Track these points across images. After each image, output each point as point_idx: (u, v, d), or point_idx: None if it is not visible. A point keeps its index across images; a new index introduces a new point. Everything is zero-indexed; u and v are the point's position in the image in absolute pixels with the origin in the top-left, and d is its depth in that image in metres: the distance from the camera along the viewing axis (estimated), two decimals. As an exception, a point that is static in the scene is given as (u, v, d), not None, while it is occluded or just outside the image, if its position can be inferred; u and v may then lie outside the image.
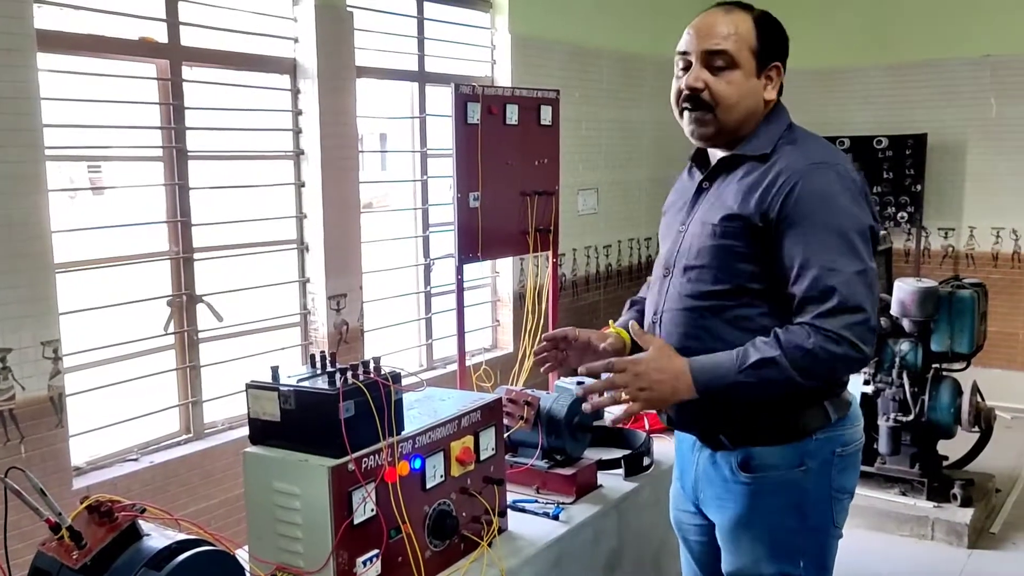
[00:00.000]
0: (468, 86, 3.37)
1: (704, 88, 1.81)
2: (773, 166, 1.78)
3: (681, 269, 1.88)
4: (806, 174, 1.74)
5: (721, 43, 1.80)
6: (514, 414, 2.38)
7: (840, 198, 1.74)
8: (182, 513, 2.97)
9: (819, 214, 1.72)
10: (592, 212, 5.63)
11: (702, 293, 1.83)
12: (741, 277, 1.79)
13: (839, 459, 1.85)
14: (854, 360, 1.70)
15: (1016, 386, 5.99)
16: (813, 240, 1.71)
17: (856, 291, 1.68)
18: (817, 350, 1.67)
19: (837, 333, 1.66)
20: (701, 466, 1.93)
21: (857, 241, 1.72)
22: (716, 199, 1.85)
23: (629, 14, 5.77)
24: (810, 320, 1.69)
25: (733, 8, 1.86)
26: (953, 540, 4.00)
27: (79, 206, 7.13)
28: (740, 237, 1.78)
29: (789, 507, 1.84)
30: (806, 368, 1.68)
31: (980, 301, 4.13)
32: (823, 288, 1.68)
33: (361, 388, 1.75)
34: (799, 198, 1.72)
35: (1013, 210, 6.08)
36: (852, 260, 1.70)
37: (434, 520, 1.91)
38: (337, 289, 3.93)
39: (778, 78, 1.88)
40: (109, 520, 1.48)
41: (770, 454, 1.82)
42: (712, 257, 1.81)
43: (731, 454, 1.86)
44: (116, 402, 3.30)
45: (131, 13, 3.27)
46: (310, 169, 3.84)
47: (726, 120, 1.83)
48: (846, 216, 1.73)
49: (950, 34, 6.16)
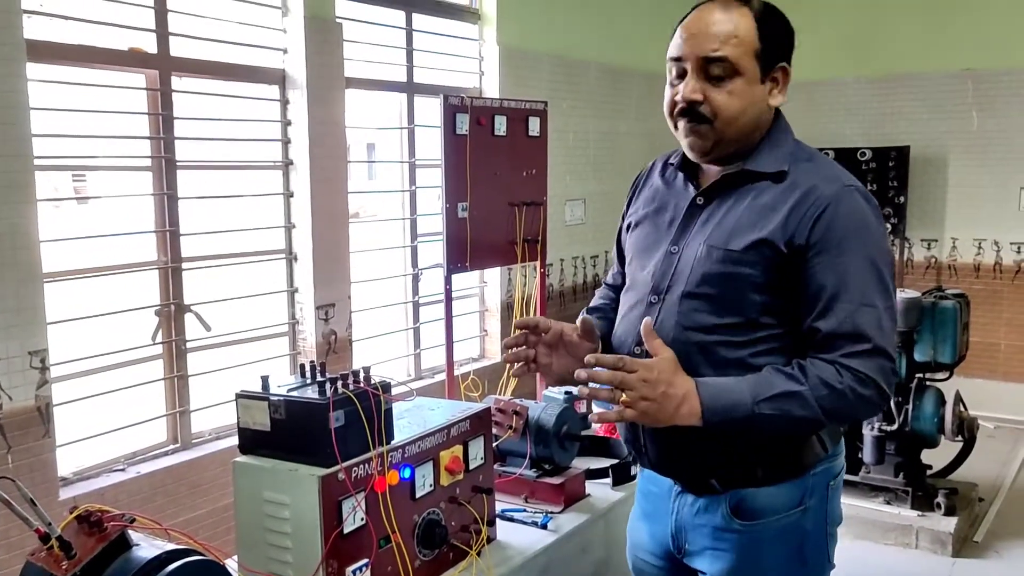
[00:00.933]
0: (457, 97, 3.40)
1: (703, 101, 1.60)
2: (795, 186, 1.59)
3: (678, 297, 1.65)
4: (838, 197, 1.56)
5: (720, 48, 1.58)
6: (503, 424, 2.39)
7: (872, 226, 1.58)
8: (169, 523, 2.97)
9: (853, 242, 1.55)
10: (579, 223, 5.66)
11: (707, 326, 1.61)
12: (753, 310, 1.60)
13: (832, 491, 1.72)
14: (878, 405, 1.56)
15: (998, 396, 6.05)
16: (847, 270, 1.54)
17: (887, 332, 1.54)
18: (846, 390, 1.51)
19: (868, 375, 1.51)
20: (684, 514, 1.73)
21: (887, 275, 1.57)
22: (724, 220, 1.63)
23: (616, 26, 5.81)
24: (839, 358, 1.52)
25: (731, 3, 1.62)
26: (937, 549, 4.03)
27: (63, 215, 7.10)
28: (758, 265, 1.58)
29: (791, 553, 1.67)
30: (831, 408, 1.52)
31: (962, 312, 4.18)
32: (856, 326, 1.52)
33: (351, 398, 1.76)
34: (832, 223, 1.54)
35: (994, 222, 6.16)
36: (884, 296, 1.55)
37: (423, 529, 1.92)
38: (325, 299, 3.93)
39: (785, 80, 1.65)
40: (98, 530, 1.48)
41: (768, 496, 1.65)
42: (721, 285, 1.61)
43: (721, 498, 1.67)
44: (103, 412, 3.29)
45: (120, 24, 3.28)
46: (299, 179, 3.85)
47: (727, 133, 1.62)
48: (877, 246, 1.57)
49: (932, 48, 6.24)
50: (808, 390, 1.51)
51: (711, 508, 1.69)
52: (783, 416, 1.52)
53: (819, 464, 1.67)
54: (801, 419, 1.53)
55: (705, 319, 1.62)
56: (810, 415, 1.52)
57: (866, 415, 1.66)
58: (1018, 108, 6.02)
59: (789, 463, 1.64)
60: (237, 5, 3.65)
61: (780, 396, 1.52)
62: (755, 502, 1.65)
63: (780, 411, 1.51)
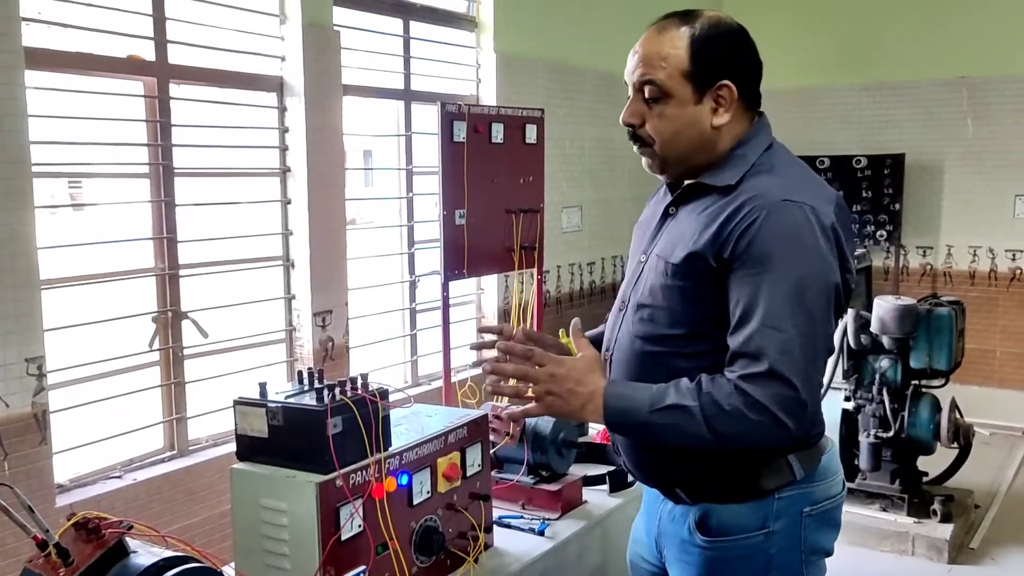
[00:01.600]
0: (454, 104, 3.41)
1: (641, 123, 1.64)
2: (737, 198, 1.56)
3: (634, 306, 1.69)
4: (772, 209, 1.51)
5: (648, 72, 1.60)
6: (500, 430, 2.39)
7: (804, 244, 1.50)
8: (166, 531, 2.96)
9: (777, 258, 1.49)
10: (576, 229, 5.67)
11: (655, 336, 1.64)
12: (696, 323, 1.59)
13: (809, 519, 1.64)
14: (773, 434, 1.48)
15: (994, 402, 6.07)
16: (762, 288, 1.49)
17: (793, 359, 1.46)
18: (733, 412, 1.47)
19: (759, 401, 1.46)
20: (664, 520, 1.77)
21: (812, 298, 1.49)
22: (675, 232, 1.65)
23: (612, 33, 5.83)
24: (736, 379, 1.48)
25: (668, 25, 1.63)
26: (933, 555, 4.04)
27: (60, 222, 7.10)
28: (692, 278, 1.58)
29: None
30: (718, 429, 1.49)
31: (958, 318, 4.20)
32: (756, 348, 1.47)
33: (349, 404, 1.77)
34: (758, 236, 1.50)
35: (990, 229, 6.19)
36: (798, 320, 1.48)
37: (421, 536, 1.92)
38: (323, 305, 3.94)
39: (732, 99, 1.61)
40: (96, 537, 1.48)
41: (730, 514, 1.64)
42: (665, 298, 1.62)
43: (690, 509, 1.68)
44: (100, 419, 3.29)
45: (119, 31, 3.29)
46: (296, 186, 3.86)
47: (667, 155, 1.64)
48: (808, 266, 1.50)
49: (926, 56, 6.27)
50: (698, 407, 1.49)
51: (680, 519, 1.71)
52: (673, 427, 1.52)
53: (786, 489, 1.62)
54: (687, 432, 1.51)
55: (654, 330, 1.64)
56: (698, 431, 1.50)
57: (761, 443, 1.53)
58: (1012, 115, 6.05)
59: (749, 484, 1.62)
60: (235, 13, 3.66)
61: (671, 408, 1.51)
62: (719, 519, 1.65)
63: (670, 423, 1.52)
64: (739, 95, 1.63)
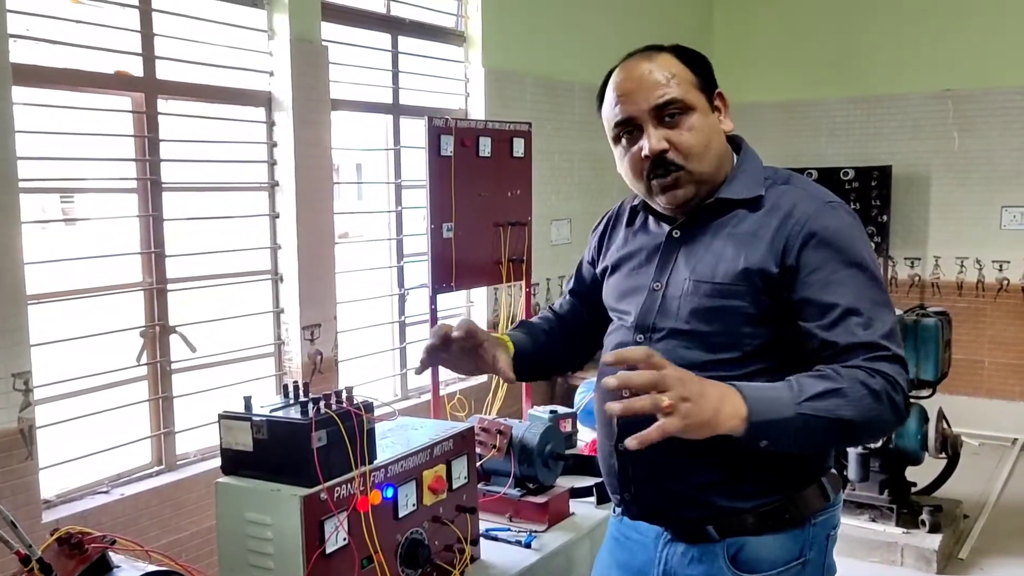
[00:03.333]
0: (441, 119, 3.43)
1: (669, 147, 1.57)
2: (775, 209, 1.56)
3: (665, 333, 1.59)
4: (822, 216, 1.53)
5: (666, 92, 1.57)
6: (487, 443, 2.40)
7: (861, 238, 1.55)
8: (154, 546, 2.95)
9: (847, 256, 1.50)
10: (566, 242, 5.69)
11: (698, 363, 1.50)
12: (747, 343, 1.53)
13: (831, 542, 1.66)
14: (902, 413, 1.44)
15: (983, 413, 6.10)
16: (847, 286, 1.48)
17: (900, 341, 1.48)
18: (882, 393, 1.39)
19: (896, 380, 1.41)
20: (674, 563, 1.63)
21: (883, 284, 1.53)
22: (706, 253, 1.58)
23: (600, 48, 5.87)
24: (863, 363, 1.41)
25: (652, 52, 1.63)
26: (922, 566, 4.05)
27: (51, 237, 7.08)
28: (748, 296, 1.52)
29: None
30: (867, 412, 1.39)
31: (944, 329, 4.22)
32: (874, 337, 1.44)
33: (334, 417, 1.77)
34: (822, 240, 1.50)
35: (976, 240, 6.23)
36: (887, 308, 1.49)
37: (406, 549, 1.92)
38: (311, 319, 3.94)
39: (725, 105, 1.65)
40: (79, 552, 1.48)
41: (767, 547, 1.57)
42: (712, 321, 1.55)
43: (717, 546, 1.58)
44: (87, 434, 3.28)
45: (106, 47, 3.30)
46: (285, 200, 3.86)
47: (702, 171, 1.59)
48: (870, 258, 1.53)
49: (912, 69, 6.33)
50: (847, 387, 1.38)
51: (706, 558, 1.59)
52: (828, 418, 1.37)
53: (820, 514, 1.61)
54: (845, 423, 1.38)
55: (696, 356, 1.54)
56: (854, 417, 1.38)
57: (893, 425, 1.45)
58: (998, 127, 6.10)
59: (791, 509, 1.57)
60: (223, 28, 3.67)
61: (822, 394, 1.38)
62: (756, 552, 1.57)
63: (825, 411, 1.37)
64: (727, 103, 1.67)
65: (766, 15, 6.77)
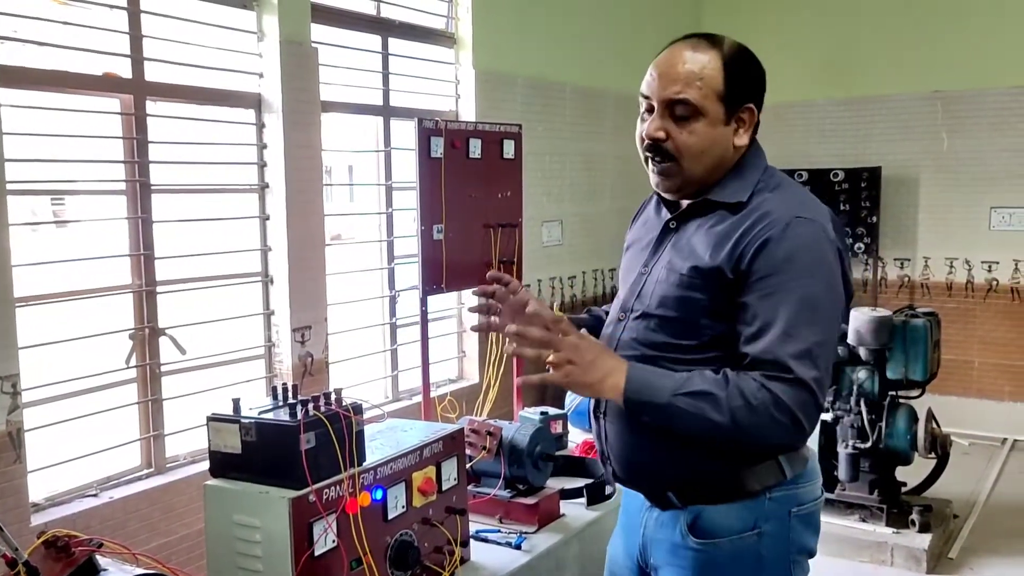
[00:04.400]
0: (431, 120, 3.42)
1: (666, 138, 1.67)
2: (750, 214, 1.65)
3: (638, 315, 1.75)
4: (786, 226, 1.60)
5: (683, 91, 1.64)
6: (476, 444, 2.40)
7: (817, 257, 1.61)
8: (143, 549, 2.94)
9: (791, 272, 1.58)
10: (557, 244, 5.69)
11: (659, 343, 1.70)
12: (704, 333, 1.66)
13: (796, 519, 1.72)
14: (792, 434, 1.57)
15: (973, 413, 6.13)
16: (782, 299, 1.57)
17: (812, 367, 1.56)
18: (760, 408, 1.53)
19: (785, 403, 1.54)
20: (650, 528, 1.80)
21: (825, 309, 1.60)
22: (685, 245, 1.71)
23: (591, 49, 5.88)
24: (761, 378, 1.55)
25: (700, 44, 1.67)
26: (912, 565, 4.07)
27: (42, 239, 7.04)
28: (707, 290, 1.64)
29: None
30: (741, 421, 1.54)
31: (933, 330, 4.24)
32: (779, 356, 1.55)
33: (322, 419, 1.77)
34: (773, 250, 1.59)
35: (965, 241, 6.26)
36: (816, 330, 1.57)
37: (396, 551, 1.92)
38: (302, 321, 3.93)
39: (751, 120, 1.71)
40: (66, 555, 1.48)
41: (722, 515, 1.69)
42: (676, 308, 1.68)
43: (680, 513, 1.73)
44: (76, 437, 3.27)
45: (95, 49, 3.29)
46: (275, 202, 3.85)
47: (691, 171, 1.69)
48: (820, 280, 1.60)
49: (902, 70, 6.36)
50: (724, 396, 1.55)
51: (670, 523, 1.75)
52: (694, 413, 1.56)
53: (776, 489, 1.69)
54: (713, 422, 1.56)
55: (658, 337, 1.71)
56: (721, 420, 1.55)
57: (777, 440, 1.61)
58: (987, 128, 6.14)
59: (741, 483, 1.68)
60: (212, 30, 3.66)
61: (697, 394, 1.56)
62: (711, 521, 1.70)
63: (694, 408, 1.56)
64: (757, 120, 1.73)
65: (756, 17, 6.80)
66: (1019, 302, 6.15)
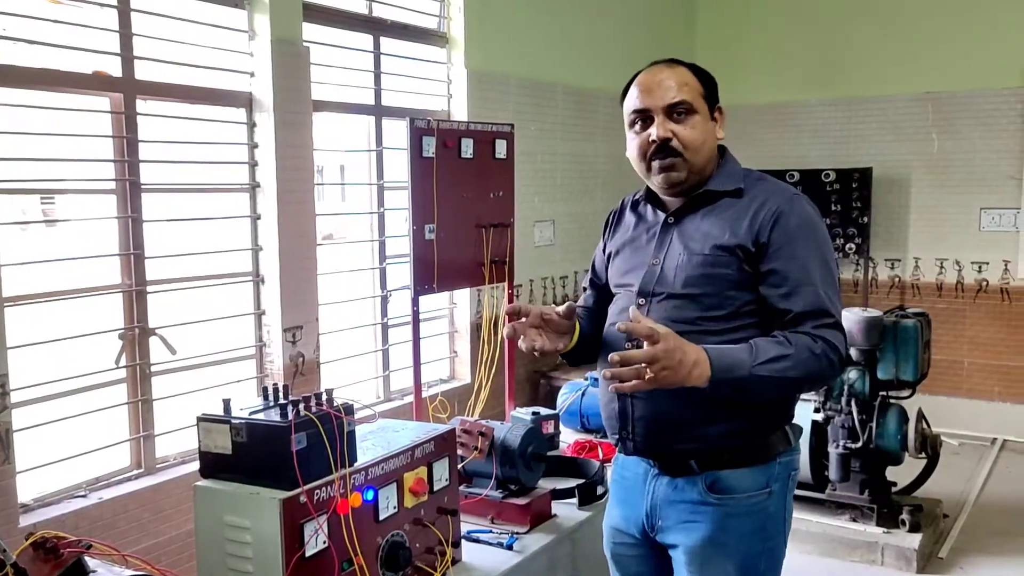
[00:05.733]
0: (423, 120, 3.42)
1: (672, 137, 1.93)
2: (754, 198, 1.93)
3: (663, 297, 1.93)
4: (790, 204, 1.90)
5: (679, 95, 1.94)
6: (468, 444, 2.40)
7: (819, 223, 1.94)
8: (132, 550, 2.93)
9: (808, 238, 1.89)
10: (549, 244, 5.69)
11: (692, 318, 1.89)
12: (731, 303, 1.89)
13: (791, 482, 1.98)
14: (840, 368, 1.84)
15: (963, 413, 6.15)
16: (805, 261, 1.86)
17: (839, 310, 1.87)
18: (823, 355, 1.79)
19: (835, 343, 1.81)
20: (660, 493, 1.96)
21: (832, 263, 1.92)
22: (696, 232, 1.95)
23: (582, 50, 5.88)
24: (811, 330, 1.80)
25: (673, 63, 2.00)
26: (902, 565, 4.08)
27: (31, 238, 7.02)
28: (731, 264, 1.88)
29: (755, 530, 1.92)
30: (812, 370, 1.79)
31: (923, 330, 4.25)
32: (820, 305, 1.83)
33: (313, 420, 1.76)
34: (786, 222, 1.88)
35: (956, 242, 6.28)
36: (833, 282, 1.90)
37: (387, 551, 1.92)
38: (293, 321, 3.92)
39: (722, 118, 2.02)
40: (54, 556, 1.47)
41: (738, 477, 1.91)
42: (703, 284, 1.90)
43: (697, 478, 1.92)
44: (66, 437, 3.25)
45: (85, 47, 3.27)
46: (266, 202, 3.84)
47: (695, 162, 1.95)
48: (825, 240, 1.94)
49: (893, 71, 6.38)
50: (794, 353, 1.78)
51: (686, 487, 1.93)
52: (776, 377, 1.77)
53: (783, 455, 1.95)
54: (791, 380, 1.79)
55: (688, 314, 1.90)
56: (797, 375, 1.78)
57: (831, 377, 1.89)
58: (977, 130, 6.16)
59: (759, 450, 1.92)
60: (203, 28, 3.65)
61: (774, 359, 1.77)
62: (728, 481, 1.91)
63: (774, 372, 1.76)
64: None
65: (749, 18, 6.80)
66: (1009, 303, 6.17)
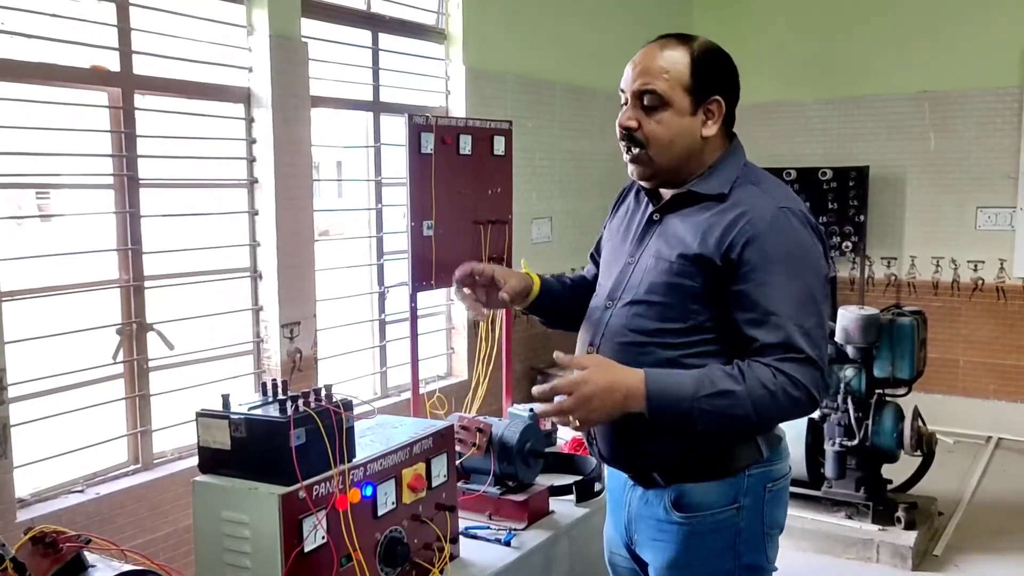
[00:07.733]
0: (422, 116, 3.42)
1: (638, 127, 1.78)
2: (734, 206, 1.74)
3: (626, 303, 1.82)
4: (772, 218, 1.71)
5: (651, 82, 1.76)
6: (466, 441, 2.40)
7: (805, 246, 1.73)
8: (130, 545, 2.92)
9: (785, 262, 1.69)
10: (546, 241, 5.69)
11: (650, 329, 1.77)
12: (693, 317, 1.74)
13: (770, 494, 1.82)
14: (807, 408, 1.69)
15: (958, 411, 6.17)
16: (779, 288, 1.68)
17: (817, 345, 1.68)
18: (779, 392, 1.64)
19: (799, 380, 1.65)
20: (634, 506, 1.88)
21: (818, 293, 1.72)
22: (671, 235, 1.80)
23: (580, 47, 5.88)
24: (774, 363, 1.65)
25: (670, 42, 1.80)
26: (898, 563, 4.09)
27: (27, 233, 7.02)
28: (696, 276, 1.73)
29: (725, 548, 1.79)
30: (763, 409, 1.65)
31: (919, 328, 4.26)
32: (788, 339, 1.66)
33: (312, 416, 1.76)
34: (765, 242, 1.69)
35: (951, 240, 6.29)
36: (814, 313, 1.70)
37: (385, 547, 1.92)
38: (291, 317, 3.92)
39: (720, 113, 1.80)
40: (54, 551, 1.47)
41: (704, 492, 1.78)
42: (665, 294, 1.76)
43: (664, 491, 1.81)
44: (63, 432, 3.25)
45: (83, 42, 3.26)
46: (264, 197, 3.84)
47: (660, 159, 1.79)
48: (810, 266, 1.73)
49: (889, 70, 6.39)
50: (744, 390, 1.64)
51: (654, 501, 1.84)
52: (720, 413, 1.65)
53: (755, 467, 1.80)
54: (736, 417, 1.66)
55: (647, 323, 1.79)
56: (744, 414, 1.65)
57: (795, 416, 1.73)
58: (973, 129, 6.17)
59: (724, 462, 1.78)
60: (201, 23, 3.64)
61: (718, 394, 1.64)
62: (693, 497, 1.79)
63: (715, 408, 1.64)
64: (724, 112, 1.82)
65: (745, 16, 6.81)
66: (1004, 301, 6.19)
